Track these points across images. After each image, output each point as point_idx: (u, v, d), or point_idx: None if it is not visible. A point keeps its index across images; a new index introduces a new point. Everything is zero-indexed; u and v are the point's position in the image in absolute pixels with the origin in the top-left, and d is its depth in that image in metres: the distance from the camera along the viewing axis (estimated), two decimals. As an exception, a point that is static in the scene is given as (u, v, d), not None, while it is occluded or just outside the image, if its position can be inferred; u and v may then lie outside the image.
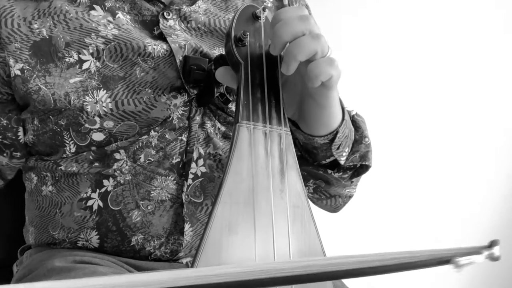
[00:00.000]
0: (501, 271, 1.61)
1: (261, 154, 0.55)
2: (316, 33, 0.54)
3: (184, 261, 0.69)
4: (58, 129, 0.65)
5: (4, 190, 0.74)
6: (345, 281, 0.75)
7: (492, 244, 0.38)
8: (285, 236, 0.52)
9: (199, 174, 0.66)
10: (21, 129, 0.69)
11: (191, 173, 0.66)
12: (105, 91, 0.63)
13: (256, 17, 0.61)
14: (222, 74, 0.60)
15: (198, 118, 0.67)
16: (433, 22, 1.42)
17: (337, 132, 0.63)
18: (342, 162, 0.67)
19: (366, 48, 1.37)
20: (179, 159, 0.66)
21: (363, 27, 1.37)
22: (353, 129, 0.70)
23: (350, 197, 0.78)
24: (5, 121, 0.68)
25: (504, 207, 1.58)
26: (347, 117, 0.65)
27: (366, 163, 0.71)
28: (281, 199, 0.54)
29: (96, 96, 0.63)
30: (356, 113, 0.75)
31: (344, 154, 0.67)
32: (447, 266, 0.38)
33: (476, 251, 0.38)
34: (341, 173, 0.70)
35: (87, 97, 0.63)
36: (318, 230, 0.55)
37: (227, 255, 0.49)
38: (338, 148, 0.65)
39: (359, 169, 0.72)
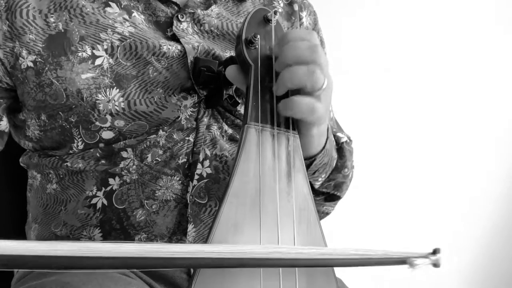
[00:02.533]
0: (501, 271, 1.61)
1: (269, 156, 0.55)
2: (321, 62, 0.53)
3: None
4: (68, 126, 0.64)
5: (5, 187, 0.74)
6: (347, 282, 0.75)
7: (435, 251, 0.51)
8: (291, 238, 0.52)
9: (205, 175, 0.66)
10: (5, 119, 0.67)
11: (196, 174, 0.66)
12: (117, 89, 0.63)
13: (267, 20, 0.62)
14: (233, 73, 0.60)
15: (205, 120, 0.67)
16: (432, 21, 1.42)
17: (314, 159, 0.63)
18: (316, 187, 0.69)
19: (365, 48, 1.38)
20: (185, 160, 0.66)
21: (363, 27, 1.38)
22: (335, 156, 0.70)
23: (327, 213, 0.79)
24: None
25: (504, 207, 1.58)
26: (328, 146, 0.65)
27: (338, 194, 0.71)
28: (287, 201, 0.54)
29: (109, 94, 0.63)
30: (346, 141, 0.75)
31: (319, 179, 0.68)
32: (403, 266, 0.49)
33: (424, 256, 0.51)
34: (313, 195, 0.71)
35: (99, 95, 0.63)
36: (324, 233, 0.55)
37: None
38: (314, 174, 0.66)
39: (332, 195, 0.73)
